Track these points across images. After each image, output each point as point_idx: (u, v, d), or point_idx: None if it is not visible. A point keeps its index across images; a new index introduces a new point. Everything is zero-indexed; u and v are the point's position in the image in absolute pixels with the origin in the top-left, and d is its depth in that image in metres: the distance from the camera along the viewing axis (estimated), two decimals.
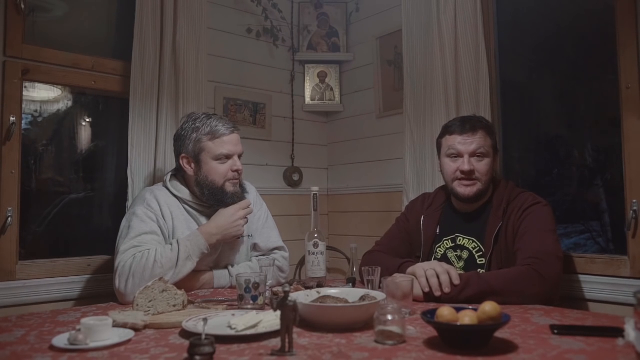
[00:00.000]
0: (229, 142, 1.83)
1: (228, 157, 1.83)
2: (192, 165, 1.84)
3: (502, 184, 1.83)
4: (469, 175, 1.74)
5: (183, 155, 1.85)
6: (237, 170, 1.85)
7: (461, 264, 1.77)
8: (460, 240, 1.80)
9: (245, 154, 1.96)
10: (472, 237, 1.77)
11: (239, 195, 1.88)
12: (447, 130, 1.83)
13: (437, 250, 1.84)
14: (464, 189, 1.75)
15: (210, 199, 1.84)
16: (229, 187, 1.84)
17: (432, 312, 1.08)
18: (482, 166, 1.74)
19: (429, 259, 1.84)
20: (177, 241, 1.70)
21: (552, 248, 1.58)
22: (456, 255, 1.79)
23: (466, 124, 1.78)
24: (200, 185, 1.83)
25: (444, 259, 1.80)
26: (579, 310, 1.47)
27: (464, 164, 1.73)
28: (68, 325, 1.28)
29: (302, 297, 1.31)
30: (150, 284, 1.40)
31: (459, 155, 1.76)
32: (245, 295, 1.44)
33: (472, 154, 1.74)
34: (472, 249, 1.76)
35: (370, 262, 1.74)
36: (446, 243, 1.83)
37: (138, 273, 1.60)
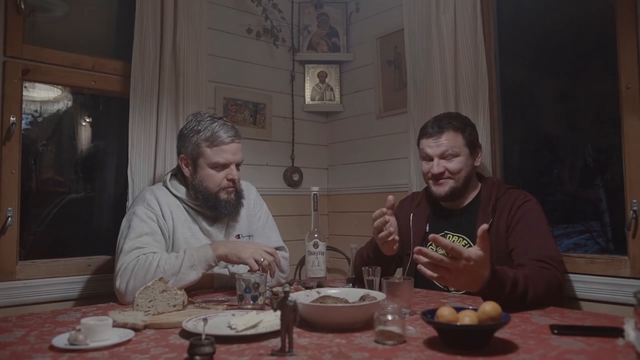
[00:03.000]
0: (228, 150, 1.80)
1: (225, 165, 1.81)
2: (190, 167, 1.83)
3: (489, 181, 1.87)
4: (439, 177, 1.81)
5: (182, 155, 1.84)
6: (232, 180, 1.82)
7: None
8: (449, 237, 1.82)
9: (245, 154, 1.96)
10: (462, 234, 1.81)
11: (233, 203, 1.85)
12: (420, 133, 1.91)
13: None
14: (436, 188, 1.83)
15: (203, 204, 1.82)
16: (223, 195, 1.82)
17: (432, 312, 1.08)
18: (452, 165, 1.80)
19: None
20: (185, 250, 1.68)
21: (556, 253, 1.59)
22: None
23: (434, 126, 1.84)
24: (194, 189, 1.82)
25: None
26: (579, 310, 1.47)
27: (434, 167, 1.81)
28: (68, 325, 1.28)
29: (302, 297, 1.31)
30: (150, 284, 1.40)
31: (429, 158, 1.84)
32: (245, 295, 1.44)
33: (441, 156, 1.80)
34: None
35: (357, 257, 1.85)
36: None
37: (139, 275, 1.59)
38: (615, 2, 1.85)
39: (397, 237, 1.68)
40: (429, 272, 1.25)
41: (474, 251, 1.25)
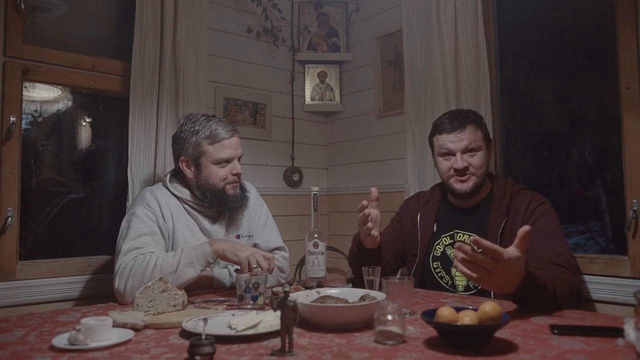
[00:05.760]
0: (229, 145, 1.81)
1: (228, 161, 1.82)
2: (192, 168, 1.83)
3: (501, 180, 1.84)
4: (462, 173, 1.75)
5: (182, 158, 1.84)
6: (236, 174, 1.84)
7: (454, 249, 1.78)
8: (459, 236, 1.79)
9: (245, 154, 1.96)
10: (472, 233, 1.76)
11: (240, 198, 1.87)
12: (436, 129, 1.83)
13: (436, 248, 1.84)
14: (460, 185, 1.76)
15: (212, 201, 1.83)
16: (230, 190, 1.83)
17: (432, 312, 1.08)
18: (475, 160, 1.75)
19: (426, 257, 1.84)
20: (182, 248, 1.68)
21: (572, 259, 1.56)
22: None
23: (454, 121, 1.78)
24: (201, 189, 1.82)
25: (443, 256, 1.81)
26: (579, 310, 1.47)
27: (457, 162, 1.74)
28: (68, 325, 1.28)
29: (302, 297, 1.31)
30: (150, 284, 1.40)
31: (450, 153, 1.77)
32: (245, 295, 1.44)
33: (464, 150, 1.75)
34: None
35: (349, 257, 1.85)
36: (444, 240, 1.83)
37: (137, 275, 1.59)
38: (615, 2, 1.85)
39: (375, 233, 1.65)
40: (467, 271, 1.21)
41: (513, 253, 1.21)
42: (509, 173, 2.30)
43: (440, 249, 1.83)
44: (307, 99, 3.04)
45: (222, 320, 1.23)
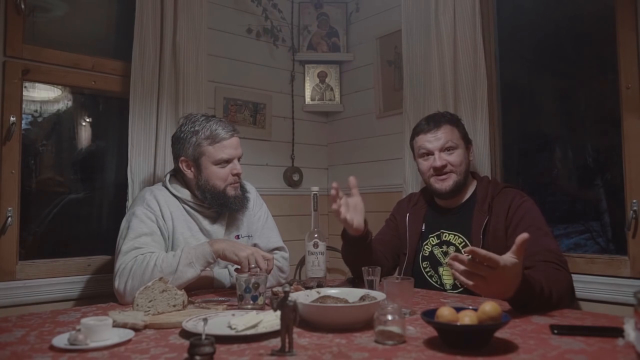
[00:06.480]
0: (229, 146, 1.82)
1: (228, 161, 1.82)
2: (192, 168, 1.83)
3: (484, 180, 1.88)
4: (441, 170, 1.79)
5: (182, 158, 1.84)
6: (237, 174, 1.84)
7: (447, 259, 1.78)
8: (445, 235, 1.82)
9: (245, 154, 1.97)
10: (457, 232, 1.80)
11: (241, 199, 1.87)
12: (415, 132, 1.91)
13: (424, 248, 1.87)
14: (440, 184, 1.81)
15: (212, 202, 1.83)
16: (230, 191, 1.83)
17: (432, 312, 1.08)
18: (453, 158, 1.80)
19: (415, 256, 1.89)
20: (182, 248, 1.68)
21: (561, 254, 1.57)
22: (442, 251, 1.83)
23: (430, 122, 1.85)
24: (201, 189, 1.82)
25: (431, 255, 1.85)
26: (579, 310, 1.47)
27: (435, 161, 1.80)
28: (68, 325, 1.28)
29: (302, 297, 1.31)
30: (150, 284, 1.40)
31: (429, 153, 1.83)
32: (245, 295, 1.44)
33: (442, 149, 1.80)
34: (457, 244, 1.79)
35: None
36: (432, 240, 1.86)
37: (137, 275, 1.59)
38: (615, 2, 1.85)
39: (348, 217, 1.64)
40: (464, 279, 1.22)
41: (510, 259, 1.21)
42: (508, 173, 2.29)
43: (428, 248, 1.86)
44: (307, 99, 3.04)
45: (222, 320, 1.23)
